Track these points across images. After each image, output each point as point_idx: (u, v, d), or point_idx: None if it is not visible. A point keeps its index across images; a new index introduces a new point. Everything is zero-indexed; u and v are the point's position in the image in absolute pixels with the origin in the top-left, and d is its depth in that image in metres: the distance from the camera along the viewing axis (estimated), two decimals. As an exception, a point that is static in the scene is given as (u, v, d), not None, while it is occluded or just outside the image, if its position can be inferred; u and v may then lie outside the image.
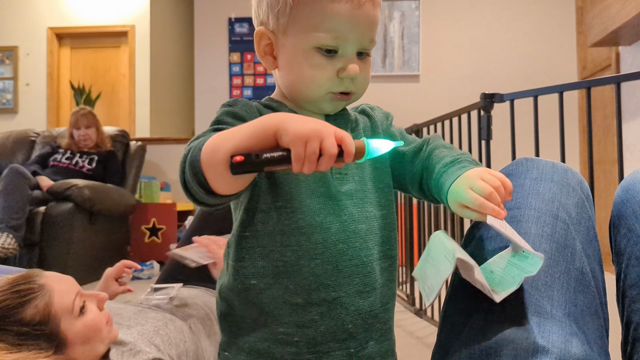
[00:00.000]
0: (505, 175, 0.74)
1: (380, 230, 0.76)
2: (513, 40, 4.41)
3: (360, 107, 0.87)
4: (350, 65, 0.72)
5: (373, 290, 0.74)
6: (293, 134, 0.57)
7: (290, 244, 0.71)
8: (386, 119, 0.85)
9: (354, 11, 0.70)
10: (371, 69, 0.78)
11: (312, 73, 0.72)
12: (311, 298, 0.71)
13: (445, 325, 0.65)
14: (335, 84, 0.73)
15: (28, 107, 5.21)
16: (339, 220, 0.72)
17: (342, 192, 0.74)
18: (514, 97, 1.81)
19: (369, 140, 0.62)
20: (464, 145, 2.11)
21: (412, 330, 2.12)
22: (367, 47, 0.74)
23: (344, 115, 0.80)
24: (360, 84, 0.75)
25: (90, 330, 1.02)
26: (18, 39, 5.21)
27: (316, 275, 0.71)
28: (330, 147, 0.57)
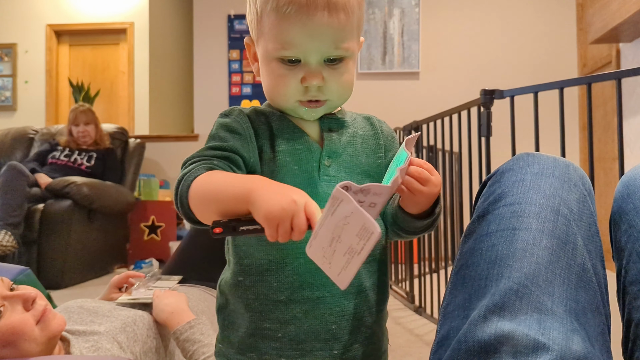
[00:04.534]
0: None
1: None
2: (513, 37, 4.40)
3: (368, 115, 0.87)
4: (310, 76, 0.72)
5: (360, 292, 0.75)
6: (264, 215, 0.59)
7: (274, 243, 0.71)
8: (392, 137, 0.86)
9: (306, 23, 0.70)
10: (353, 71, 0.76)
11: (277, 83, 0.75)
12: (294, 296, 0.73)
13: (444, 321, 0.65)
14: (301, 93, 0.74)
15: (27, 104, 5.20)
16: None
17: (329, 194, 0.71)
18: (514, 93, 1.80)
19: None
20: (464, 141, 2.10)
21: (411, 328, 2.11)
22: (333, 54, 0.72)
23: (339, 121, 0.81)
24: (333, 91, 0.74)
25: (8, 334, 1.01)
26: (17, 36, 5.20)
27: (299, 274, 0.73)
28: (301, 224, 0.59)
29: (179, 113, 5.83)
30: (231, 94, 4.56)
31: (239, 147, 0.76)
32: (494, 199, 0.71)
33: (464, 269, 0.66)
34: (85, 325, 1.32)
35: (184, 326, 1.30)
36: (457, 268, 0.68)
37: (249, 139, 0.76)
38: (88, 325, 1.31)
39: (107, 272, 3.44)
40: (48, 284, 2.62)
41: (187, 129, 5.68)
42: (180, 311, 1.33)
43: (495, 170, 0.76)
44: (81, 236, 3.14)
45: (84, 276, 3.14)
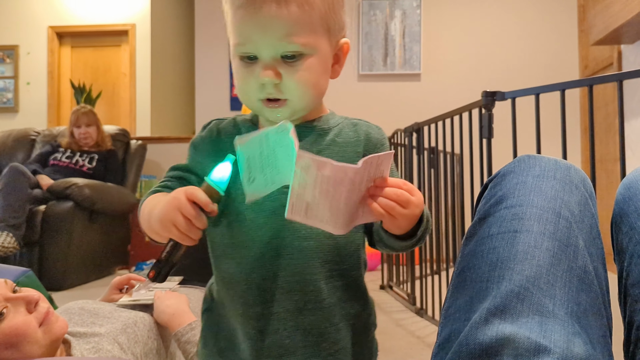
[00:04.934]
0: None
1: (334, 249, 0.74)
2: (514, 39, 4.40)
3: (357, 121, 0.84)
4: (262, 72, 0.70)
5: (318, 309, 0.73)
6: (158, 226, 0.65)
7: (234, 257, 0.75)
8: (380, 144, 0.82)
9: (254, 16, 0.69)
10: (317, 70, 0.73)
11: (239, 81, 0.74)
12: (249, 311, 0.74)
13: (446, 324, 0.64)
14: (259, 91, 0.72)
15: (28, 106, 5.22)
16: (281, 235, 0.73)
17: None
18: (516, 95, 1.80)
19: (209, 177, 0.67)
20: (465, 143, 2.10)
21: (412, 330, 2.11)
22: (287, 49, 0.70)
23: (313, 128, 0.78)
24: (290, 89, 0.71)
25: (11, 336, 1.02)
26: (19, 38, 5.21)
27: (254, 288, 0.74)
28: (189, 211, 0.63)
29: (181, 114, 5.84)
30: (232, 95, 4.57)
31: (195, 166, 0.79)
32: (495, 201, 0.70)
33: (465, 272, 0.66)
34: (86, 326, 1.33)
35: (185, 328, 1.30)
36: (458, 270, 0.68)
37: (211, 155, 0.77)
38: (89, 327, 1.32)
39: (108, 273, 3.44)
40: (49, 285, 2.62)
41: (188, 130, 5.69)
42: (182, 312, 1.34)
43: (496, 173, 0.76)
44: (82, 237, 3.14)
45: (85, 277, 3.15)
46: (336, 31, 0.76)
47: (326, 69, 0.76)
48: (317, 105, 0.80)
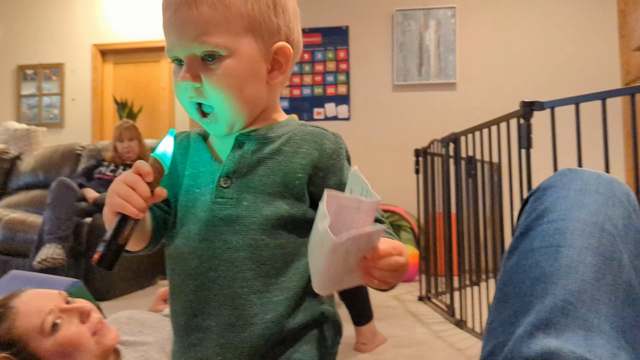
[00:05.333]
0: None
1: (270, 260, 0.71)
2: (552, 46, 4.33)
3: (316, 129, 0.77)
4: (181, 74, 0.70)
5: (250, 325, 0.70)
6: (108, 196, 0.66)
7: (175, 268, 0.75)
8: (334, 156, 0.76)
9: (170, 19, 0.69)
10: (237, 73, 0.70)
11: (173, 85, 0.74)
12: (188, 323, 0.73)
13: (490, 338, 0.65)
14: (184, 94, 0.72)
15: (74, 121, 5.41)
16: (212, 246, 0.71)
17: (219, 218, 0.71)
18: (555, 104, 1.78)
19: (155, 152, 0.68)
20: (504, 153, 2.09)
21: (452, 342, 2.09)
22: (201, 50, 0.69)
23: (258, 135, 0.75)
24: (210, 92, 0.70)
25: (65, 346, 1.06)
26: (64, 56, 5.42)
27: (190, 301, 0.72)
28: (130, 178, 0.65)
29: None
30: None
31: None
32: (536, 215, 0.71)
33: (508, 286, 0.67)
34: (134, 335, 1.38)
35: None
36: (501, 284, 0.69)
37: (170, 171, 0.78)
38: (137, 336, 1.37)
39: (150, 283, 3.52)
40: (95, 295, 2.70)
41: (225, 142, 5.79)
42: None
43: (537, 187, 0.76)
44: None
45: (128, 288, 3.23)
46: (266, 34, 0.73)
47: (253, 73, 0.72)
48: (267, 111, 0.78)
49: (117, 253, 0.65)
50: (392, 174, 4.31)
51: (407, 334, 2.21)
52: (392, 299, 3.05)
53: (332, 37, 4.55)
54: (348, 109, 4.50)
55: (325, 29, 4.55)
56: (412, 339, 2.13)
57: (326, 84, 4.54)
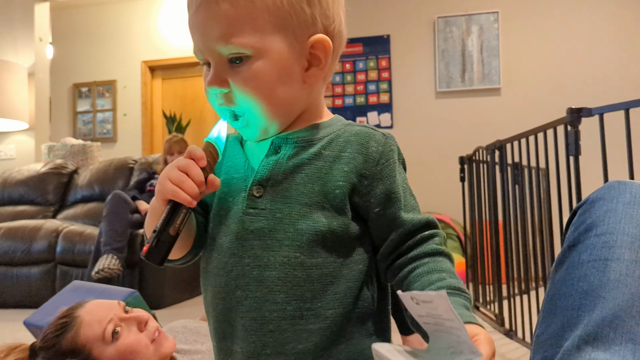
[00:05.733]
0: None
1: (304, 282, 0.63)
2: (600, 49, 4.21)
3: (362, 129, 0.69)
4: (208, 80, 0.64)
5: (280, 354, 0.62)
6: (158, 183, 0.62)
7: (208, 284, 0.69)
8: (383, 161, 0.67)
9: (192, 20, 0.65)
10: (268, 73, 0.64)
11: (205, 91, 0.68)
12: (219, 345, 0.68)
13: (537, 350, 0.66)
14: (214, 99, 0.67)
15: (125, 135, 5.62)
16: (241, 263, 0.64)
17: (250, 231, 0.64)
18: (603, 110, 1.75)
19: (209, 136, 0.64)
20: (551, 161, 2.06)
21: (502, 352, 2.07)
22: (225, 52, 0.62)
23: (296, 138, 0.68)
24: (240, 98, 0.64)
25: (125, 353, 1.11)
26: (116, 74, 5.65)
27: (219, 321, 0.67)
28: (182, 163, 0.60)
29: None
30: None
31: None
32: (584, 228, 0.71)
33: (556, 299, 0.68)
34: (189, 344, 1.43)
35: None
36: (548, 297, 0.70)
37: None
38: (192, 345, 1.43)
39: (199, 293, 3.60)
40: (148, 304, 2.81)
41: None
42: None
43: (585, 199, 0.76)
44: (177, 259, 3.33)
45: (179, 297, 3.33)
46: (299, 28, 0.64)
47: (285, 73, 0.65)
48: (308, 112, 0.71)
49: (169, 245, 0.60)
50: (437, 182, 4.28)
51: (456, 343, 2.19)
52: (439, 308, 3.02)
53: (373, 46, 4.57)
54: (391, 118, 4.51)
55: (366, 38, 4.58)
56: (460, 348, 2.11)
57: (368, 93, 4.56)
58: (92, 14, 5.68)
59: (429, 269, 0.64)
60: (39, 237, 3.29)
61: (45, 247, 3.26)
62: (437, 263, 0.65)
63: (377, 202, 0.67)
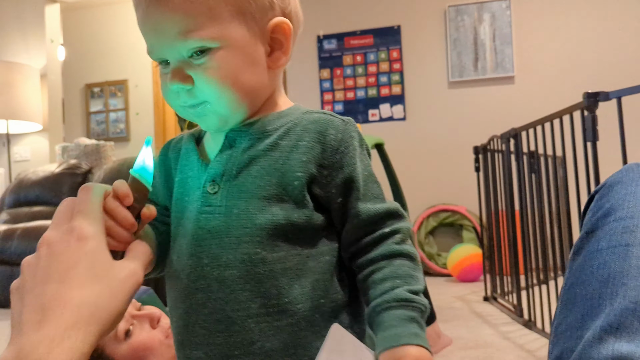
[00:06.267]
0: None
1: (268, 278, 0.60)
2: (615, 33, 4.12)
3: (322, 116, 0.66)
4: (169, 78, 0.61)
5: (247, 354, 0.59)
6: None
7: (170, 288, 0.66)
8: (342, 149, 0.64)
9: (144, 19, 0.61)
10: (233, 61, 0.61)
11: (162, 89, 0.65)
12: (180, 352, 0.64)
13: (557, 342, 0.63)
14: (176, 99, 0.63)
15: (138, 134, 5.65)
16: (200, 264, 0.61)
17: (206, 230, 0.62)
18: (621, 94, 1.70)
19: (133, 168, 0.58)
20: (568, 147, 2.01)
21: (521, 343, 2.03)
22: (187, 48, 0.59)
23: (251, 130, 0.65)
24: (204, 92, 0.61)
25: (139, 350, 1.11)
26: (127, 73, 5.67)
27: (180, 327, 0.63)
28: (109, 206, 0.56)
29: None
30: (323, 105, 4.67)
31: (157, 195, 0.71)
32: (602, 213, 0.68)
33: (575, 287, 0.65)
34: None
35: None
36: (567, 286, 0.67)
37: (159, 181, 0.71)
38: None
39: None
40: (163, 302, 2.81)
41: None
42: None
43: (602, 183, 0.73)
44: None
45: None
46: (257, 12, 0.62)
47: (251, 60, 0.63)
48: (266, 102, 0.68)
49: None
50: (452, 173, 4.24)
51: (474, 335, 2.16)
52: (456, 300, 2.99)
53: (384, 37, 4.52)
54: (403, 109, 4.47)
55: (376, 30, 4.53)
56: (479, 340, 2.08)
57: (380, 85, 4.52)
58: (102, 14, 5.70)
59: (383, 275, 0.61)
60: (55, 237, 3.31)
61: (61, 247, 3.28)
62: (393, 268, 0.61)
63: (338, 193, 0.64)
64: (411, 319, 0.59)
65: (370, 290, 0.62)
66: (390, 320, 0.58)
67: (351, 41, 4.58)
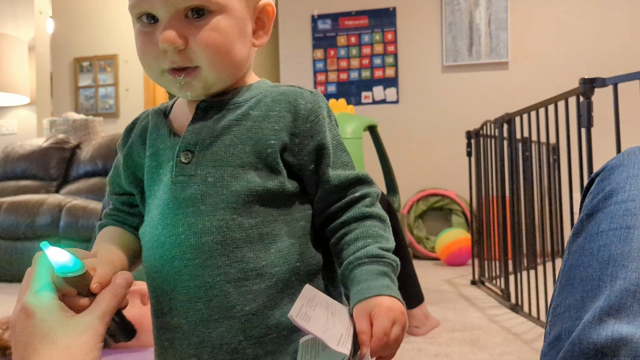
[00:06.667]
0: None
1: (245, 243, 0.61)
2: (612, 20, 4.11)
3: (289, 88, 0.68)
4: (161, 34, 0.59)
5: (227, 318, 0.60)
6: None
7: (145, 259, 0.66)
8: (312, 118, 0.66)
9: None
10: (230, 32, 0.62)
11: (139, 50, 0.63)
12: (158, 321, 0.65)
13: (555, 323, 0.63)
14: (161, 60, 0.61)
15: (128, 110, 5.58)
16: (175, 232, 0.62)
17: (181, 199, 0.62)
18: (618, 80, 1.69)
19: (57, 272, 0.57)
20: (562, 133, 2.01)
21: (508, 326, 2.05)
22: (191, 3, 0.59)
23: (223, 100, 0.66)
24: (197, 54, 0.60)
25: None
26: (117, 48, 5.58)
27: (158, 296, 0.64)
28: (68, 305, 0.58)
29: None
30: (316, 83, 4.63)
31: (122, 182, 0.72)
32: (603, 196, 0.68)
33: (574, 269, 0.65)
34: None
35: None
36: (566, 268, 0.67)
37: (122, 166, 0.71)
38: None
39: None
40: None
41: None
42: None
43: (603, 166, 0.73)
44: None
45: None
46: None
47: (242, 33, 0.64)
48: (238, 76, 0.68)
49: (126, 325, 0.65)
50: (443, 157, 4.24)
51: (461, 318, 2.18)
52: (444, 283, 3.01)
53: (378, 19, 4.48)
54: (396, 92, 4.44)
55: (371, 11, 4.49)
56: (466, 323, 2.10)
57: (374, 67, 4.48)
58: (93, -14, 5.59)
59: (355, 236, 0.63)
60: (42, 212, 3.28)
61: (48, 221, 3.25)
62: (364, 228, 0.64)
63: (310, 160, 0.66)
64: (383, 273, 0.61)
65: (344, 251, 0.64)
66: (362, 275, 0.60)
67: (346, 22, 4.53)
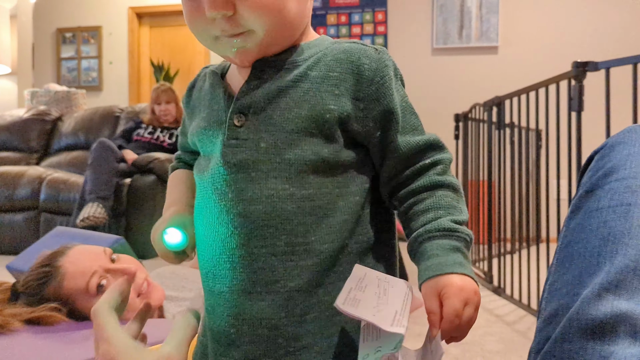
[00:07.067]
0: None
1: (295, 215, 0.57)
2: (603, 6, 4.11)
3: (352, 45, 0.62)
4: (208, 1, 0.55)
5: (270, 293, 0.57)
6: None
7: (196, 218, 0.65)
8: (378, 79, 0.60)
9: None
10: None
11: (187, 17, 0.60)
12: (206, 283, 0.63)
13: (551, 299, 0.62)
14: (212, 28, 0.58)
15: (111, 84, 5.47)
16: (224, 198, 0.59)
17: (232, 164, 0.58)
18: (610, 65, 1.69)
19: (167, 244, 0.65)
20: (552, 117, 2.01)
21: (490, 308, 2.07)
22: None
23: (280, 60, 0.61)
24: (249, 20, 0.57)
25: None
26: (101, 19, 5.45)
27: (204, 260, 0.63)
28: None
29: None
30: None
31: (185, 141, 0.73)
32: (603, 173, 0.67)
33: (572, 246, 0.64)
34: (177, 291, 1.40)
35: None
36: (563, 244, 0.66)
37: (188, 120, 0.71)
38: (180, 291, 1.39)
39: (187, 244, 3.58)
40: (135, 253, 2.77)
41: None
42: None
43: (603, 143, 0.72)
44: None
45: (166, 248, 3.30)
46: None
47: None
48: (295, 35, 0.63)
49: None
50: (429, 140, 4.23)
51: (444, 299, 2.20)
52: (427, 265, 3.03)
53: (370, -2, 4.43)
54: (385, 73, 4.41)
55: (363, -10, 4.43)
56: (449, 304, 2.11)
57: (363, 48, 4.44)
58: (77, -46, 5.43)
59: (425, 206, 0.60)
60: (22, 184, 3.22)
61: (28, 193, 3.19)
62: (435, 199, 0.60)
63: (376, 126, 0.61)
64: (455, 248, 0.57)
65: (412, 222, 0.60)
66: (433, 249, 0.57)
67: (336, 0, 4.47)
